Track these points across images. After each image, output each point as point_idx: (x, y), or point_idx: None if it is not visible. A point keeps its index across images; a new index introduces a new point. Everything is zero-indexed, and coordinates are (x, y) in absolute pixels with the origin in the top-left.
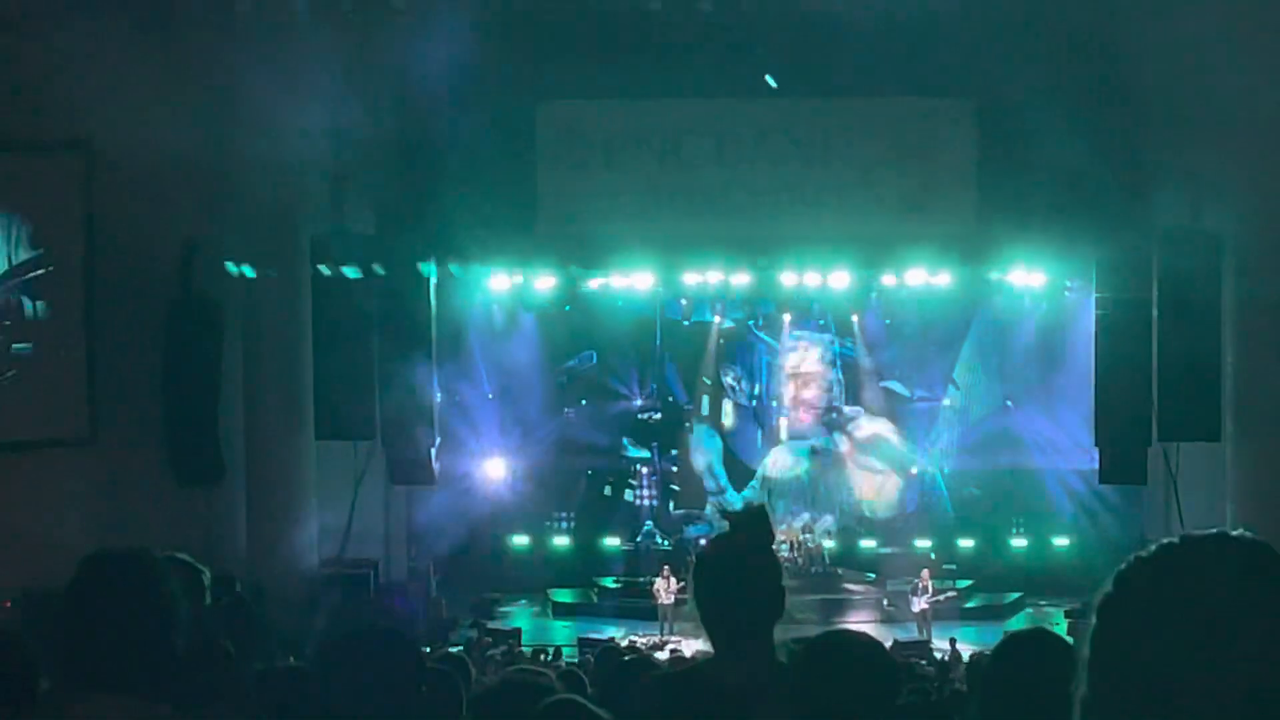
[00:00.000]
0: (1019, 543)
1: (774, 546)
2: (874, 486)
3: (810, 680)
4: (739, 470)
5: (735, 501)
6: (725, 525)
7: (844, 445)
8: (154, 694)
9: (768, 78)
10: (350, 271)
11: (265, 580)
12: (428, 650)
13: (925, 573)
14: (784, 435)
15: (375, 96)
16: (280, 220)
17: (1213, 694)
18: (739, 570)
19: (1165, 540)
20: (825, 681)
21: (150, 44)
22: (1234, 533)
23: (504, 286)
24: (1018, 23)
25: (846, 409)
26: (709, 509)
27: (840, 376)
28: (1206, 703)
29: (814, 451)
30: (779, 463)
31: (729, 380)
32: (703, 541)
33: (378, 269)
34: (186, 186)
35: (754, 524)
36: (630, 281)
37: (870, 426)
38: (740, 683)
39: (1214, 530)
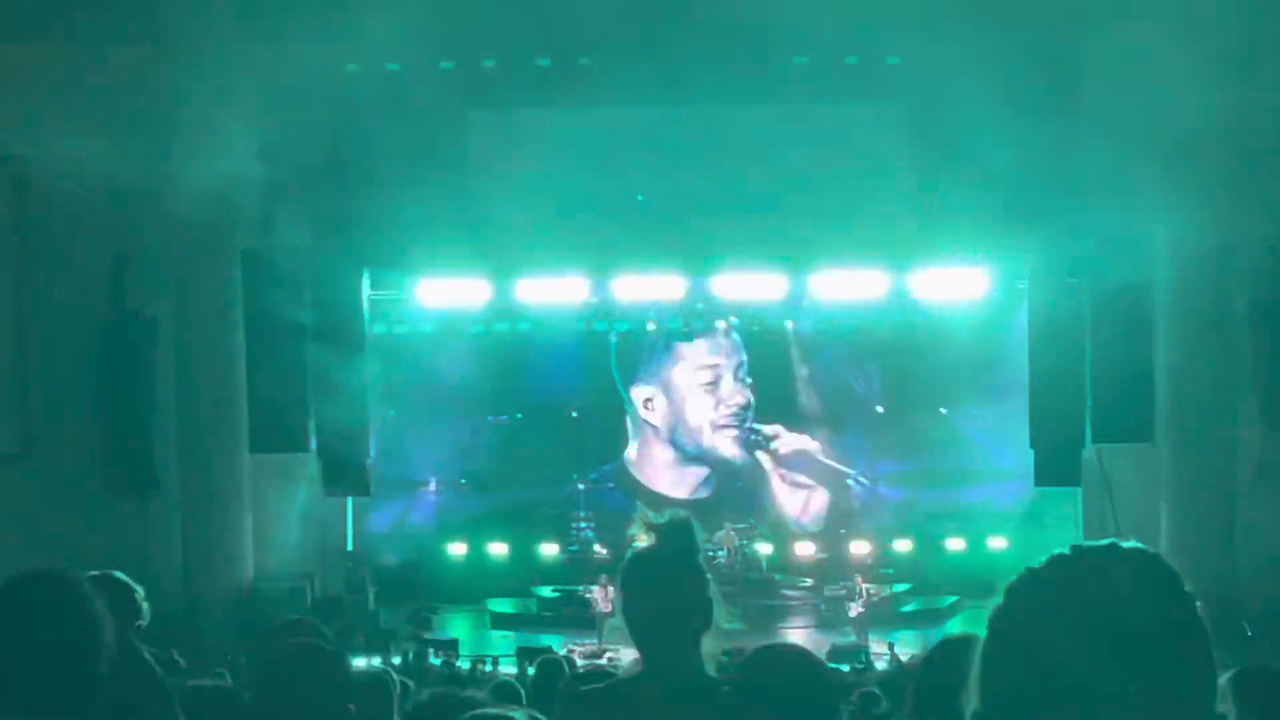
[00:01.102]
0: (956, 545)
1: (708, 553)
2: (800, 502)
3: (747, 698)
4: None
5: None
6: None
7: (767, 463)
8: (75, 715)
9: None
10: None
11: (201, 594)
12: (360, 662)
13: (859, 578)
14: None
15: (306, 107)
16: (212, 234)
17: (1099, 704)
18: (664, 582)
19: (1056, 551)
20: (762, 699)
21: (80, 60)
22: (1125, 544)
23: (437, 295)
24: (951, 27)
25: (765, 427)
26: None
27: (751, 398)
28: (1094, 713)
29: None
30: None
31: (641, 398)
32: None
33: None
34: (117, 201)
35: (679, 535)
36: (563, 290)
37: (793, 442)
38: (668, 696)
39: (1105, 541)
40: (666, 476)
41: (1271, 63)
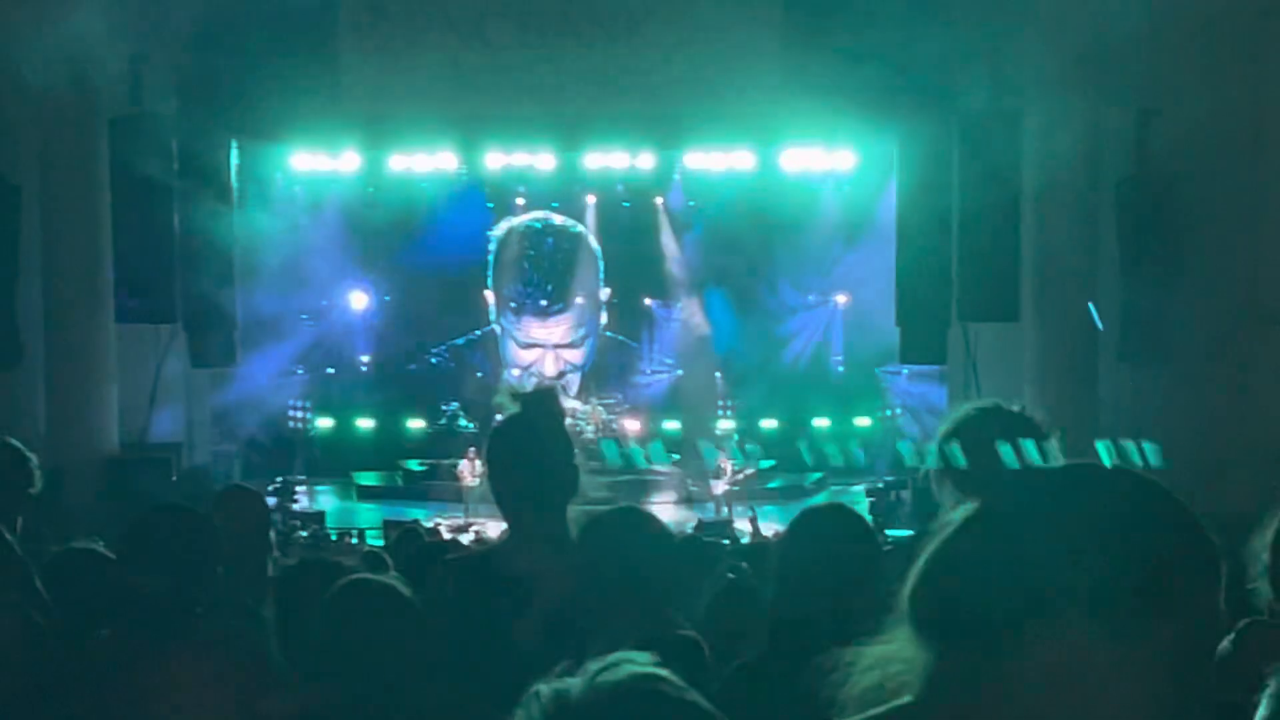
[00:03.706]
0: (821, 423)
1: (575, 427)
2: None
3: (588, 558)
4: None
5: None
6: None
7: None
8: None
9: None
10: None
11: (65, 463)
12: None
13: (721, 455)
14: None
15: None
16: (78, 101)
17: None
18: (529, 451)
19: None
20: (603, 557)
21: None
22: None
23: (306, 167)
24: None
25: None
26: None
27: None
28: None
29: None
30: None
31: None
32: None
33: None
34: None
35: (543, 404)
36: (434, 163)
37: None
38: (532, 564)
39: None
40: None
41: None
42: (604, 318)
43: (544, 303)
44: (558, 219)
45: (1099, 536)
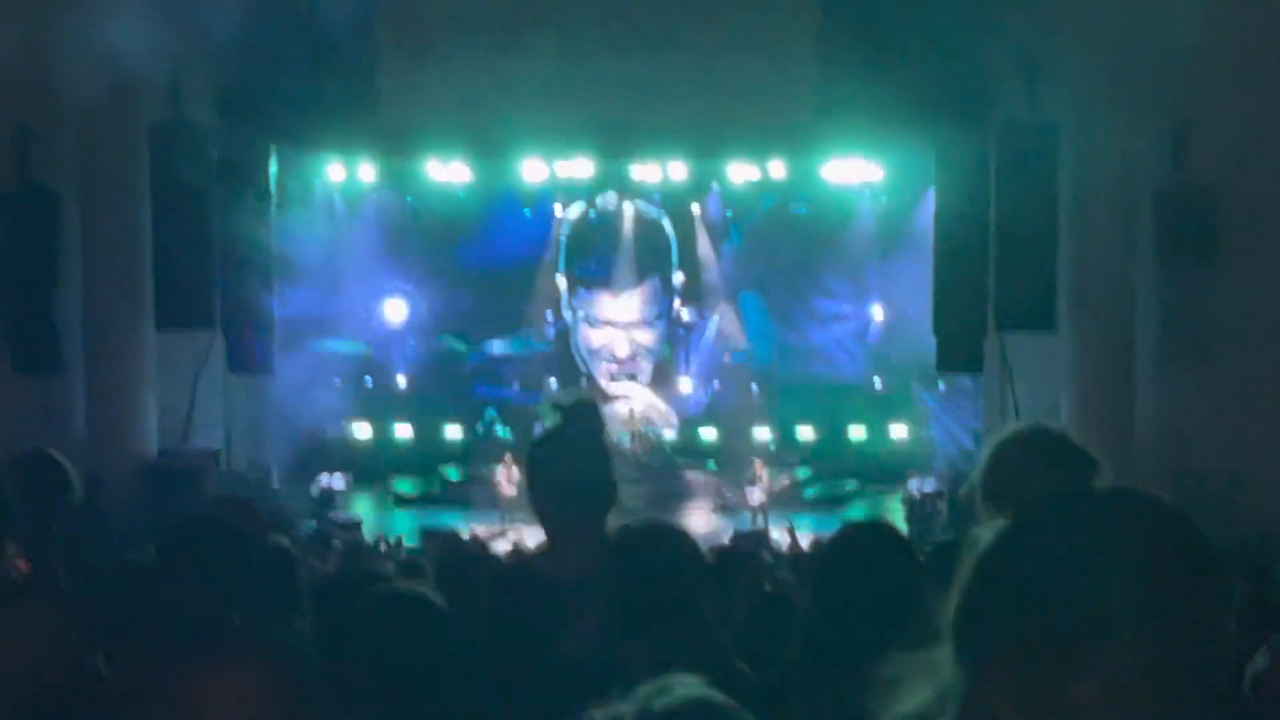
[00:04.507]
0: (858, 432)
1: (613, 438)
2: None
3: (617, 572)
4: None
5: None
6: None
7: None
8: None
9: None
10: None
11: (104, 471)
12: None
13: (758, 464)
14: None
15: None
16: (118, 108)
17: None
18: (568, 462)
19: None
20: (631, 571)
21: None
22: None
23: (345, 175)
24: None
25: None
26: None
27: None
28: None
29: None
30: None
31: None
32: (536, 431)
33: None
34: (19, 73)
35: (583, 415)
36: (471, 172)
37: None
38: (571, 575)
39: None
40: None
41: None
42: (677, 304)
43: (616, 277)
44: (630, 201)
45: (1119, 562)
